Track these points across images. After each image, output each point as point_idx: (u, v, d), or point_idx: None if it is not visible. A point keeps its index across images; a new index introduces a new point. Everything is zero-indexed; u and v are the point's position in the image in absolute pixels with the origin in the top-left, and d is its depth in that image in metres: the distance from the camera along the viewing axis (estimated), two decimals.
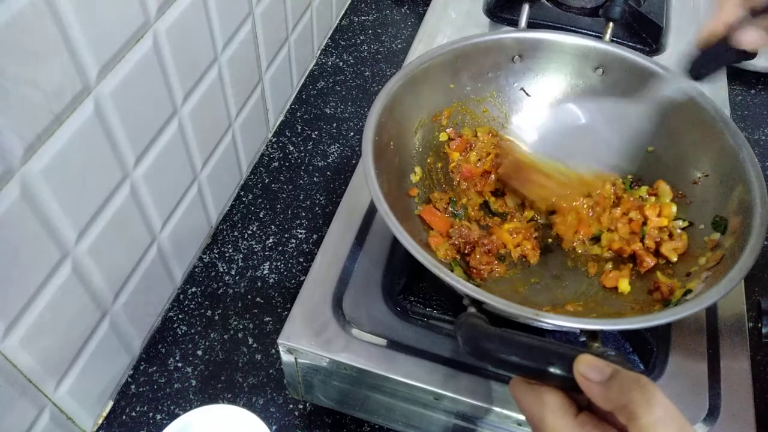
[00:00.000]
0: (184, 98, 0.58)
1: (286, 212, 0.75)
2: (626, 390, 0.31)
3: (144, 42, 0.49)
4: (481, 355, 0.38)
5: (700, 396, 0.49)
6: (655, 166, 0.58)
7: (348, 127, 0.85)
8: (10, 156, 0.39)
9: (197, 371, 0.62)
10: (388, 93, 0.54)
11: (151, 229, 0.58)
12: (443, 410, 0.51)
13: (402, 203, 0.55)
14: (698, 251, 0.51)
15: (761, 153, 0.84)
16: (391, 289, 0.54)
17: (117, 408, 0.59)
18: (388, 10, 1.03)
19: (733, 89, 0.91)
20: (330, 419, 0.59)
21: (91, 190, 0.48)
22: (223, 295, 0.68)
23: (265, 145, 0.82)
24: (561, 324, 0.42)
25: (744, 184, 0.50)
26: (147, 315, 0.63)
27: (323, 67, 0.93)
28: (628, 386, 0.31)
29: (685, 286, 0.48)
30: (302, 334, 0.51)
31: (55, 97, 0.41)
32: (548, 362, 0.35)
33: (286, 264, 0.70)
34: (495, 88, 0.62)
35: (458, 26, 0.82)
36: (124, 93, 0.48)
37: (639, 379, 0.32)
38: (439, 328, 0.52)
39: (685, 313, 0.42)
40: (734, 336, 0.53)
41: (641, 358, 0.53)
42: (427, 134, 0.60)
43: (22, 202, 0.41)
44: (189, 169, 0.63)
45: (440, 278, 0.43)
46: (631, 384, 0.31)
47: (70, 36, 0.41)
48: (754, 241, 0.45)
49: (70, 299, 0.49)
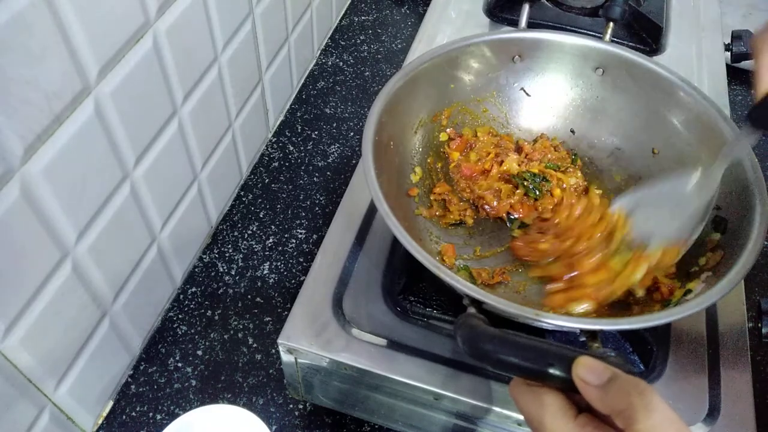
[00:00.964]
0: (184, 98, 0.58)
1: (286, 212, 0.75)
2: (624, 394, 0.31)
3: (144, 42, 0.49)
4: (480, 355, 0.38)
5: (700, 396, 0.49)
6: (656, 166, 0.58)
7: (348, 127, 0.85)
8: (10, 156, 0.39)
9: (197, 371, 0.62)
10: (388, 93, 0.54)
11: (151, 229, 0.58)
12: (443, 410, 0.51)
13: (402, 203, 0.55)
14: (698, 251, 0.51)
15: (760, 153, 0.84)
16: (391, 289, 0.54)
17: (117, 408, 0.59)
18: (388, 10, 1.03)
19: (733, 89, 0.91)
20: (330, 419, 0.59)
21: (91, 190, 0.48)
22: (223, 295, 0.68)
23: (265, 145, 0.82)
24: (561, 324, 0.42)
25: (744, 185, 0.50)
26: (147, 315, 0.63)
27: (323, 67, 0.93)
28: (626, 390, 0.31)
29: (685, 287, 0.48)
30: (302, 334, 0.51)
31: (55, 97, 0.41)
32: (547, 363, 0.35)
33: (286, 264, 0.70)
34: (495, 88, 0.62)
35: (458, 26, 0.82)
36: (124, 93, 0.48)
37: (638, 383, 0.32)
38: (440, 328, 0.52)
39: (684, 313, 0.42)
40: (734, 336, 0.53)
41: (641, 359, 0.53)
42: (428, 134, 0.60)
43: (22, 202, 0.41)
44: (189, 169, 0.63)
45: (440, 278, 0.43)
46: (630, 388, 0.31)
47: (70, 36, 0.41)
48: (754, 242, 0.45)
49: (70, 299, 0.49)
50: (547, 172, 0.58)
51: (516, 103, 0.63)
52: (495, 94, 0.63)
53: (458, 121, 0.62)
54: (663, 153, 0.58)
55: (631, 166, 0.60)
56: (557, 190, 0.58)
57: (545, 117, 0.64)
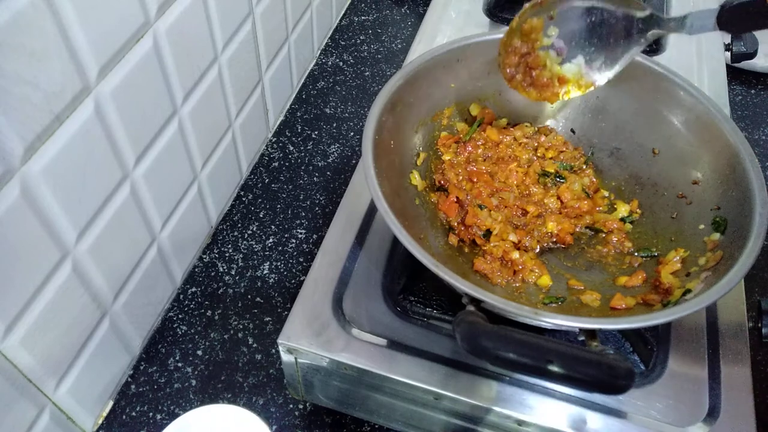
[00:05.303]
0: (184, 98, 0.58)
1: (286, 212, 0.75)
2: None
3: (144, 42, 0.49)
4: (478, 352, 0.38)
5: (700, 396, 0.49)
6: (655, 166, 0.58)
7: (348, 126, 0.85)
8: (10, 156, 0.39)
9: (197, 371, 0.62)
10: (388, 92, 0.54)
11: (151, 228, 0.58)
12: (443, 410, 0.51)
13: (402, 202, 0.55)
14: (698, 252, 0.51)
15: (761, 153, 0.84)
16: (391, 288, 0.54)
17: (117, 408, 0.59)
18: (388, 10, 1.03)
19: (733, 89, 0.91)
20: (330, 419, 0.59)
21: (91, 189, 0.48)
22: (223, 295, 0.68)
23: (265, 145, 0.82)
24: (560, 323, 0.42)
25: (744, 184, 0.50)
26: (147, 315, 0.63)
27: (323, 67, 0.93)
28: None
29: (684, 286, 0.48)
30: (302, 334, 0.51)
31: (55, 96, 0.41)
32: (546, 359, 0.35)
33: (286, 264, 0.70)
34: (496, 87, 0.62)
35: (458, 26, 0.82)
36: (124, 93, 0.48)
37: None
38: (439, 327, 0.52)
39: (684, 312, 0.42)
40: (734, 336, 0.53)
41: (641, 358, 0.53)
42: (428, 133, 0.60)
43: (22, 202, 0.41)
44: (189, 168, 0.63)
45: (440, 277, 0.43)
46: None
47: (70, 36, 0.41)
48: (754, 241, 0.45)
49: (70, 299, 0.49)
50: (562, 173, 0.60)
51: (517, 103, 0.63)
52: (496, 94, 0.63)
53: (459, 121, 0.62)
54: (663, 153, 0.58)
55: (631, 165, 0.60)
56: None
57: (546, 117, 0.64)
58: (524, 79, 0.55)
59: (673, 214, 0.55)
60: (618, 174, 0.61)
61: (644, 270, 0.53)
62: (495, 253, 0.54)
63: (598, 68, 0.55)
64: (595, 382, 0.37)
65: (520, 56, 0.55)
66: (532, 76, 0.55)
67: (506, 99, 0.63)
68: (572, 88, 0.55)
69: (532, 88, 0.55)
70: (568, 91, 0.56)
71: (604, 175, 0.61)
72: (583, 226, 0.58)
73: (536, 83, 0.55)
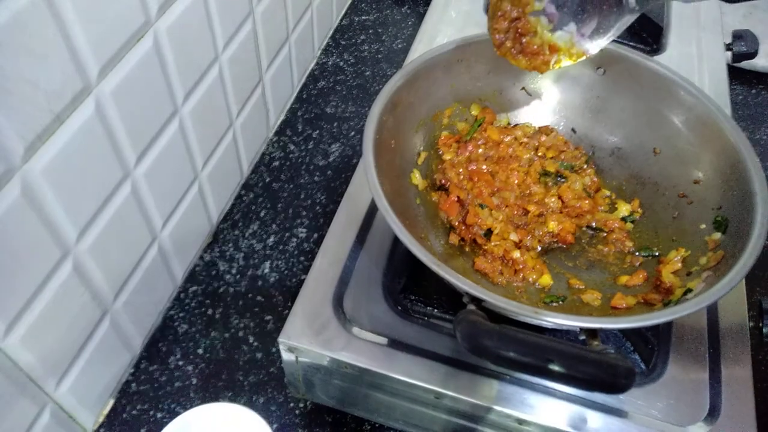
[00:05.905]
0: (185, 97, 0.58)
1: (287, 211, 0.75)
2: None
3: (144, 41, 0.49)
4: (479, 351, 0.38)
5: (701, 395, 0.49)
6: (656, 165, 0.58)
7: (349, 126, 0.85)
8: (11, 155, 0.39)
9: (198, 369, 0.62)
10: (389, 92, 0.54)
11: (151, 227, 0.58)
12: (444, 409, 0.51)
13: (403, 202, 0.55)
14: (699, 251, 0.51)
15: (761, 153, 0.84)
16: (392, 287, 0.54)
17: (118, 406, 0.60)
18: (389, 9, 1.03)
19: (734, 89, 0.91)
20: (330, 418, 0.59)
21: (91, 189, 0.48)
22: (223, 293, 0.68)
23: (266, 145, 0.82)
24: (560, 322, 0.42)
25: (745, 184, 0.50)
26: (148, 313, 0.63)
27: (324, 66, 0.93)
28: None
29: (685, 286, 0.48)
30: (303, 333, 0.51)
31: (55, 96, 0.41)
32: (547, 358, 0.35)
33: (287, 263, 0.70)
34: (496, 87, 0.62)
35: (458, 26, 0.82)
36: (125, 92, 0.48)
37: None
38: (440, 326, 0.52)
39: (685, 311, 0.42)
40: (735, 336, 0.53)
41: (642, 358, 0.53)
42: (429, 133, 0.60)
43: (23, 201, 0.41)
44: (190, 168, 0.63)
45: (441, 276, 0.43)
46: None
47: (70, 35, 0.41)
48: (755, 241, 0.45)
49: (70, 298, 0.49)
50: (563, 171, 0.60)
51: (517, 103, 0.63)
52: (496, 94, 0.63)
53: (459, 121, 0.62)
54: (664, 152, 0.58)
55: (632, 165, 0.60)
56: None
57: (546, 116, 0.64)
58: (514, 45, 0.54)
59: (674, 214, 0.55)
60: (619, 173, 0.61)
61: (645, 269, 0.53)
62: (496, 252, 0.54)
63: (590, 36, 0.53)
64: (596, 381, 0.37)
65: (510, 21, 0.53)
66: (521, 43, 0.53)
67: (506, 99, 0.63)
68: (563, 57, 0.53)
69: (522, 56, 0.54)
70: (558, 60, 0.53)
71: (605, 174, 0.61)
72: (584, 226, 0.58)
73: (526, 50, 0.53)
